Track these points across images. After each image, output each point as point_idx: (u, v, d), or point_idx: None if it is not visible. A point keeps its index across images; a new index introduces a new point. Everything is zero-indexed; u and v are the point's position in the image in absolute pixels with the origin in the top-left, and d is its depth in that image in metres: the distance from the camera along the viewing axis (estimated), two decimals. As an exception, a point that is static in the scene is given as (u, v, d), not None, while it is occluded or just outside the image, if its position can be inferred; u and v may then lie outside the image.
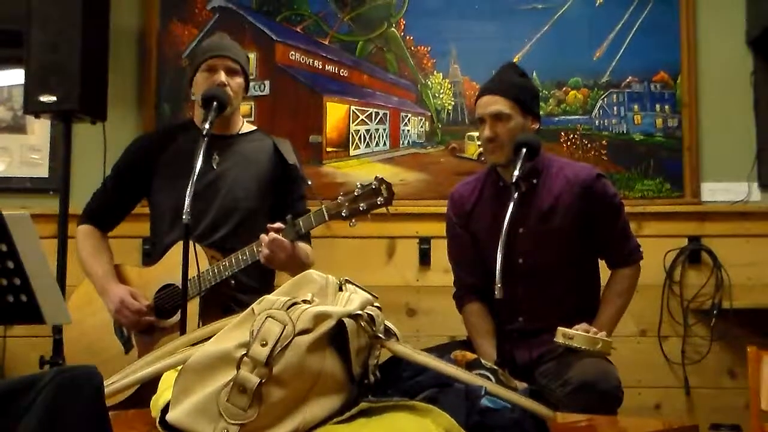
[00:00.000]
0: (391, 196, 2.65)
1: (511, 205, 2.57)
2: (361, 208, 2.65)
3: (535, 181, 2.89)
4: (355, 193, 2.66)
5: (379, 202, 2.64)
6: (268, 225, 2.75)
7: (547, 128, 3.88)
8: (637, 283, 2.97)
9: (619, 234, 2.92)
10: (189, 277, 2.60)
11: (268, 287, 3.05)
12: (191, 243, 2.59)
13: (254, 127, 3.20)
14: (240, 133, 3.12)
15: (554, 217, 2.85)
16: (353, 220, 2.67)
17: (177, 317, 2.73)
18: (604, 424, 2.15)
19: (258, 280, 2.98)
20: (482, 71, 4.15)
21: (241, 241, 2.88)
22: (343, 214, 2.66)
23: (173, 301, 2.85)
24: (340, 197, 2.67)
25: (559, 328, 2.61)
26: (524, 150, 2.69)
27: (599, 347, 2.58)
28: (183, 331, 2.51)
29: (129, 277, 3.02)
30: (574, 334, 2.59)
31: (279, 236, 2.71)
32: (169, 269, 2.85)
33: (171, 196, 2.97)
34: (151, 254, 3.13)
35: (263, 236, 2.73)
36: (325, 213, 2.69)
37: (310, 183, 2.92)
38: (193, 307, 2.70)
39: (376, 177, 2.68)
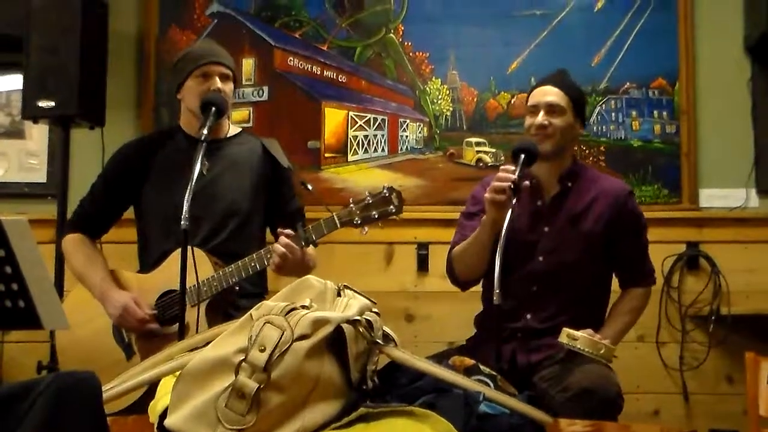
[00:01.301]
0: (401, 204, 2.69)
1: (509, 212, 2.57)
2: (373, 216, 2.67)
3: (570, 183, 2.92)
4: (367, 201, 2.68)
5: (391, 210, 2.67)
6: (279, 230, 2.76)
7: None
8: (645, 306, 3.00)
9: (639, 253, 2.97)
10: (192, 285, 2.59)
11: (265, 292, 3.06)
12: (192, 249, 2.59)
13: (239, 129, 3.20)
14: (227, 136, 3.12)
15: (584, 221, 2.87)
16: (365, 228, 2.68)
17: (181, 324, 2.73)
18: (603, 430, 2.14)
19: (256, 285, 2.99)
20: (480, 77, 4.17)
21: (239, 245, 2.89)
22: (355, 221, 2.68)
23: (176, 308, 2.84)
24: (351, 205, 2.69)
25: (565, 328, 2.62)
26: (523, 156, 2.70)
27: (602, 352, 2.59)
28: (182, 338, 2.51)
29: (127, 283, 3.00)
30: (579, 336, 2.59)
31: (292, 244, 2.71)
32: (170, 276, 2.83)
33: (162, 203, 2.97)
34: (144, 262, 3.10)
35: (276, 245, 2.73)
36: (337, 221, 2.70)
37: (311, 188, 2.91)
38: (195, 314, 2.70)
39: (384, 186, 2.70)
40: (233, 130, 3.16)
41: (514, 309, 2.78)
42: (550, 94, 2.90)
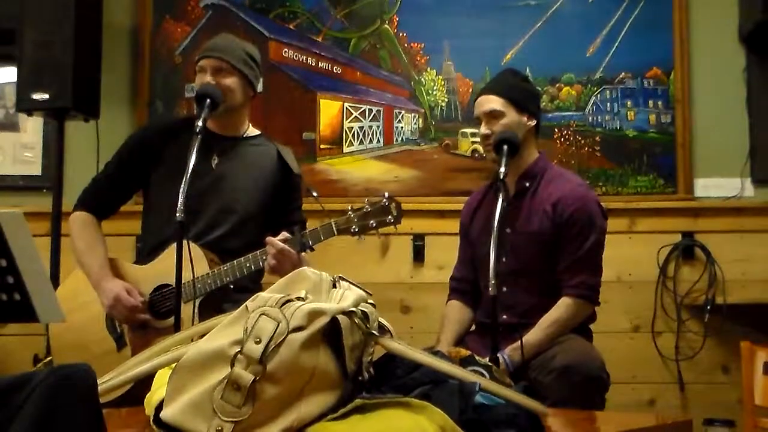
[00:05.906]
0: (400, 215, 2.71)
1: (500, 202, 2.59)
2: (371, 225, 2.69)
3: (527, 184, 2.93)
4: (365, 210, 2.69)
5: (389, 221, 2.69)
6: (276, 236, 2.77)
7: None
8: (575, 322, 2.82)
9: (575, 260, 2.84)
10: (188, 280, 2.60)
11: (259, 287, 3.06)
12: (189, 243, 2.59)
13: (258, 132, 3.19)
14: (244, 136, 3.12)
15: (535, 221, 2.88)
16: (362, 236, 2.70)
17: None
18: (597, 419, 2.15)
19: (251, 280, 2.99)
20: (476, 68, 4.17)
21: (235, 244, 2.89)
22: (352, 230, 2.70)
23: (170, 303, 2.83)
24: (349, 213, 2.71)
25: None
26: (506, 147, 2.73)
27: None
28: (177, 332, 2.50)
29: (124, 273, 2.99)
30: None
31: (287, 247, 2.72)
32: (166, 269, 2.82)
33: (169, 192, 2.96)
34: (142, 249, 3.11)
35: (270, 247, 2.74)
36: (334, 228, 2.72)
37: (316, 194, 2.92)
38: (190, 310, 2.70)
39: (384, 195, 2.71)
40: (252, 131, 3.16)
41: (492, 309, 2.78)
42: (485, 102, 2.93)
